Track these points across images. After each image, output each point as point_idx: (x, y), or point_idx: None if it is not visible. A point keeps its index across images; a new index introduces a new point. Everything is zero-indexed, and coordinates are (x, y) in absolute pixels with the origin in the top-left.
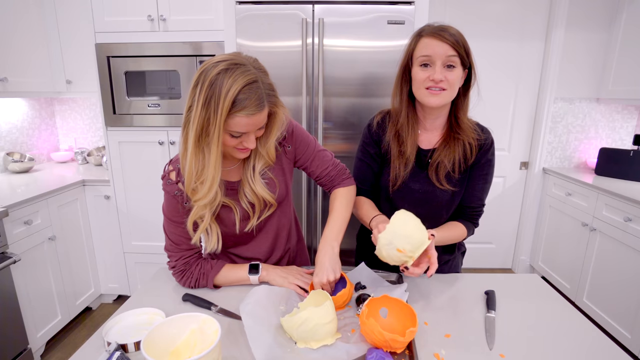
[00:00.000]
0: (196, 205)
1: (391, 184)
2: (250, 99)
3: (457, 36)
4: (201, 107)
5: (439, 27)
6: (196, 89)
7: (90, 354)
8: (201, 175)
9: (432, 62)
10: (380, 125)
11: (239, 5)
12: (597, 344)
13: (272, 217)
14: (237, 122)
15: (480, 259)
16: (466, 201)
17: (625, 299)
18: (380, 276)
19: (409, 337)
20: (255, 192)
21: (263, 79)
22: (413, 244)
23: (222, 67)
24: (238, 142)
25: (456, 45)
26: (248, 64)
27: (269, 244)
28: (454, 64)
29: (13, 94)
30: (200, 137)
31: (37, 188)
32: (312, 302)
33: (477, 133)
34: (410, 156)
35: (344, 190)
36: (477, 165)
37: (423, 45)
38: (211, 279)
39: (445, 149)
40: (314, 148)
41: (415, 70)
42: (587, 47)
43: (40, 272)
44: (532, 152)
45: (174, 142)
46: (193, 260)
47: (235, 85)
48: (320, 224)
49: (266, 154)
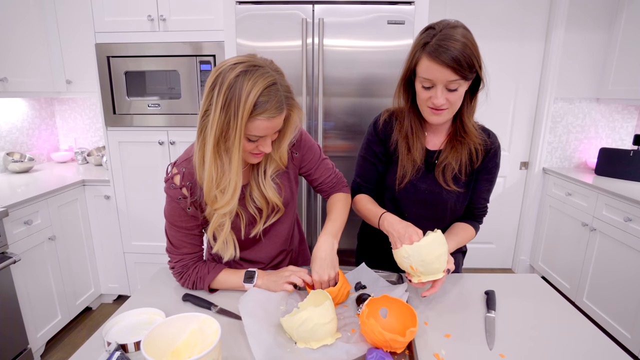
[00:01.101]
0: (216, 214)
1: (398, 182)
2: (271, 102)
3: (460, 55)
4: (220, 111)
5: (440, 44)
6: (213, 91)
7: (90, 354)
8: (221, 182)
9: (434, 84)
10: (387, 124)
11: (239, 5)
12: (597, 344)
13: (277, 222)
14: (257, 125)
15: (480, 259)
16: (472, 202)
17: (625, 299)
18: (380, 276)
19: (409, 337)
20: (265, 196)
21: (281, 81)
22: (427, 271)
23: (241, 69)
24: (254, 147)
25: (458, 69)
26: (266, 66)
27: (272, 248)
28: (457, 86)
29: (13, 94)
30: (219, 142)
31: (37, 188)
32: (312, 302)
33: (482, 138)
34: (417, 158)
35: (343, 195)
36: (484, 170)
37: (425, 67)
38: (207, 283)
39: (452, 151)
40: (319, 156)
41: (418, 86)
42: (587, 47)
43: (40, 272)
44: (532, 152)
45: (174, 142)
46: (192, 263)
47: (256, 88)
48: (320, 224)
49: (279, 158)
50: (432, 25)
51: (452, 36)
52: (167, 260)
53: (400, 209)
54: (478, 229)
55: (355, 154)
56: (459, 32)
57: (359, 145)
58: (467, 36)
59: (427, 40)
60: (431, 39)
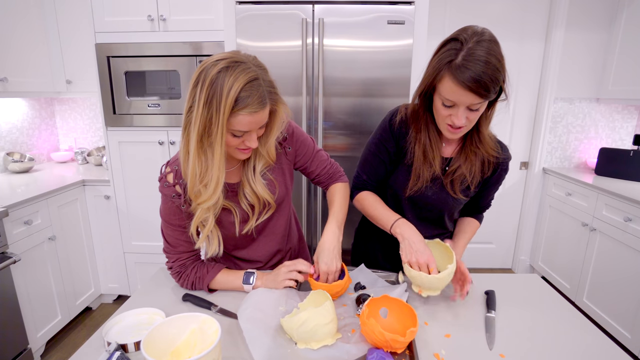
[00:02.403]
0: (200, 209)
1: (409, 188)
2: (253, 97)
3: (488, 78)
4: (202, 107)
5: (467, 66)
6: (196, 88)
7: (90, 354)
8: (204, 177)
9: (455, 104)
10: (403, 123)
11: (239, 5)
12: (597, 344)
13: (271, 220)
14: (240, 120)
15: (480, 259)
16: (479, 202)
17: (625, 299)
18: (379, 276)
19: (409, 337)
20: (256, 192)
21: (264, 77)
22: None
23: (222, 65)
24: (240, 142)
25: (484, 94)
26: (248, 62)
27: (269, 246)
28: (479, 107)
29: (13, 94)
30: (202, 138)
31: (37, 188)
32: (311, 303)
33: (496, 151)
34: (436, 169)
35: (342, 185)
36: (493, 178)
37: (448, 89)
38: (206, 283)
39: (466, 162)
40: (313, 148)
41: (438, 102)
42: (587, 47)
43: (40, 272)
44: (532, 152)
45: (174, 142)
46: (190, 263)
47: (237, 83)
48: (320, 224)
49: (267, 154)
50: (458, 36)
51: (479, 56)
52: (165, 261)
53: (402, 209)
54: (482, 220)
55: (356, 153)
56: (486, 48)
57: (359, 145)
58: (495, 51)
59: (452, 58)
60: (456, 56)
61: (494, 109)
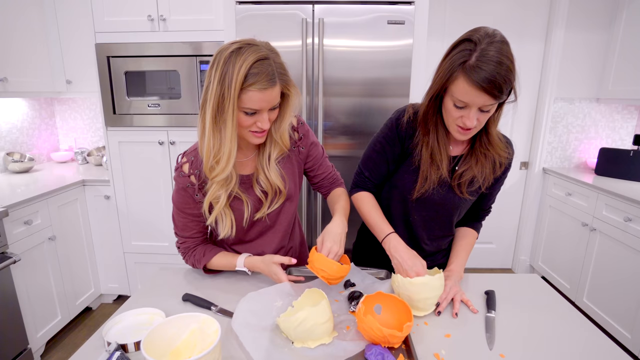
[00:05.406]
0: (214, 184)
1: (417, 190)
2: (262, 74)
3: (502, 80)
4: (216, 85)
5: (481, 67)
6: (212, 69)
7: (90, 354)
8: (218, 153)
9: (467, 105)
10: (410, 123)
11: (239, 5)
12: (597, 344)
13: (279, 215)
14: (250, 97)
15: (480, 259)
16: (481, 206)
17: (625, 299)
18: (369, 274)
19: (406, 332)
20: (269, 179)
21: (275, 59)
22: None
23: (236, 46)
24: (252, 122)
25: (497, 95)
26: (261, 45)
27: (274, 241)
28: (490, 108)
29: (13, 94)
30: (216, 115)
31: (37, 188)
32: (307, 301)
33: (506, 151)
34: (444, 172)
35: (344, 190)
36: (499, 179)
37: (461, 90)
38: (203, 264)
39: (477, 164)
40: (322, 153)
41: (449, 103)
42: (587, 47)
43: (40, 272)
44: (532, 152)
45: (174, 142)
46: (194, 245)
47: (247, 61)
48: (320, 224)
49: (280, 140)
50: (470, 36)
51: (492, 57)
52: (175, 241)
53: (409, 210)
54: (479, 229)
55: (356, 154)
56: (499, 49)
57: (359, 144)
58: (507, 53)
59: (465, 59)
60: (469, 57)
61: (502, 110)
